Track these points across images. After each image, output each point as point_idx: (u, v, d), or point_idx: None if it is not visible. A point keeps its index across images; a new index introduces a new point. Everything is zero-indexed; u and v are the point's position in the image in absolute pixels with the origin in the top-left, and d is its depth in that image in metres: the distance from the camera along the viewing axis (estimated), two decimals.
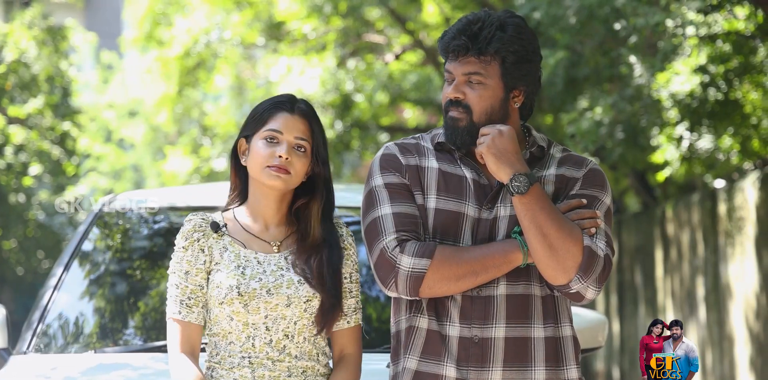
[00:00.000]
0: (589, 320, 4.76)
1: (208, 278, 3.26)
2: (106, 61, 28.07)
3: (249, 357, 3.22)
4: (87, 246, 4.77)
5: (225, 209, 3.37)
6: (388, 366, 3.94)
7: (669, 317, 11.80)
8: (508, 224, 3.21)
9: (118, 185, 27.67)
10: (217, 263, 3.26)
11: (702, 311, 10.76)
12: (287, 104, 3.32)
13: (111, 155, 26.89)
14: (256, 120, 3.31)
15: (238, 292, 3.20)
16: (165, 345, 4.19)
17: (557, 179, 3.27)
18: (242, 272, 3.23)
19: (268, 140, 3.27)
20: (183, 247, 3.28)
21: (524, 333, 3.20)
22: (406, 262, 3.15)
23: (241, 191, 3.37)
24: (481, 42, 3.20)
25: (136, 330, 4.52)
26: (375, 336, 4.35)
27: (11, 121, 18.02)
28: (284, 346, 3.24)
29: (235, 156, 3.36)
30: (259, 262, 3.26)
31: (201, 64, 16.44)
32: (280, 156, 3.25)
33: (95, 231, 4.82)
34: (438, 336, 3.22)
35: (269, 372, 3.22)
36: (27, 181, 18.14)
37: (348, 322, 3.35)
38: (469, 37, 3.21)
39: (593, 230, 3.17)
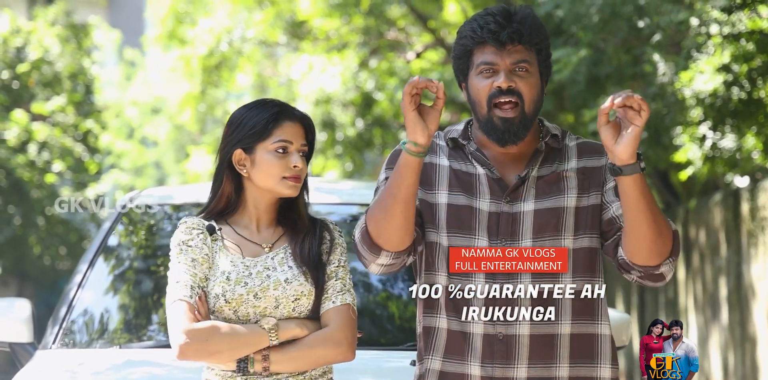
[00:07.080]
0: (612, 319, 4.75)
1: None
2: (129, 58, 28.15)
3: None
4: (112, 242, 4.79)
5: (211, 216, 3.33)
6: (412, 364, 3.95)
7: (691, 318, 11.76)
8: (534, 218, 3.21)
9: (140, 181, 27.75)
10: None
11: (724, 312, 10.71)
12: (288, 111, 3.30)
13: (133, 152, 26.97)
14: (258, 131, 3.27)
15: (225, 299, 3.20)
16: None
17: (579, 171, 3.27)
18: (227, 278, 3.22)
19: (279, 150, 3.27)
20: (183, 241, 3.25)
21: (550, 330, 3.19)
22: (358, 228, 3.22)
23: (232, 199, 3.33)
24: (528, 31, 3.22)
25: (160, 326, 4.53)
26: (398, 333, 4.35)
27: (34, 118, 18.09)
28: None
29: (230, 167, 3.31)
30: (246, 266, 3.25)
31: (223, 62, 16.46)
32: (295, 166, 3.26)
33: (119, 228, 4.84)
34: (459, 335, 3.21)
35: None
36: (50, 178, 18.21)
37: (333, 302, 3.29)
38: (519, 25, 3.21)
39: None
